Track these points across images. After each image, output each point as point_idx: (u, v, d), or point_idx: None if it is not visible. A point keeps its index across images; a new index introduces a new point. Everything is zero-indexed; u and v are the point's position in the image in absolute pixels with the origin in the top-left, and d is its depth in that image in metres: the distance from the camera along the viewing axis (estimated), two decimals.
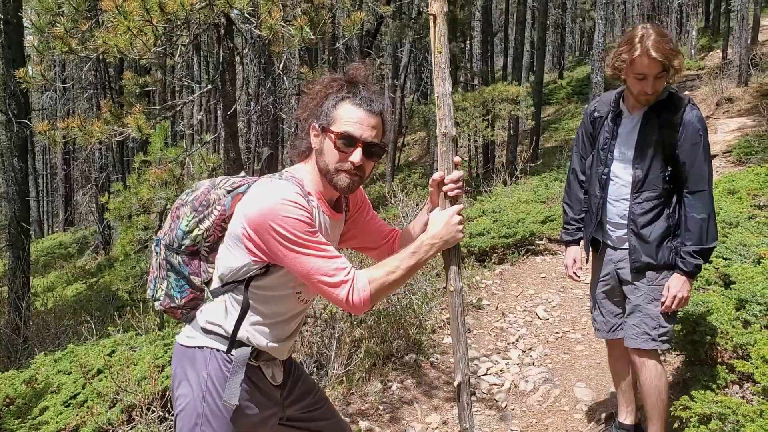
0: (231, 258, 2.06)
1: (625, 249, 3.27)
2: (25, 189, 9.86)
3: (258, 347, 2.12)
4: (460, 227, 2.16)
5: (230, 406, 2.05)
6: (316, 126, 2.08)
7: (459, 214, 2.17)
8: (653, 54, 2.92)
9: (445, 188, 2.20)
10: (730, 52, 22.16)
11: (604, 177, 3.29)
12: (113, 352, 5.07)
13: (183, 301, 2.18)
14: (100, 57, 4.89)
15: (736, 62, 18.77)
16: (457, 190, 2.20)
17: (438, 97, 2.23)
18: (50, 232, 33.94)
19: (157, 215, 7.57)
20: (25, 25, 11.22)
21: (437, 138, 2.25)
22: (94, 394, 4.30)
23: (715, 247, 3.07)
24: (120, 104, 5.74)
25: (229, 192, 2.13)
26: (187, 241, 2.13)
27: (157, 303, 2.22)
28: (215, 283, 2.13)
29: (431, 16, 2.21)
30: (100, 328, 6.76)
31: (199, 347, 2.11)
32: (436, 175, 2.22)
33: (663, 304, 3.14)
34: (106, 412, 4.04)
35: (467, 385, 2.27)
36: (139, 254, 7.90)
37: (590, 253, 3.56)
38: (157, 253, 2.22)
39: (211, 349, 2.10)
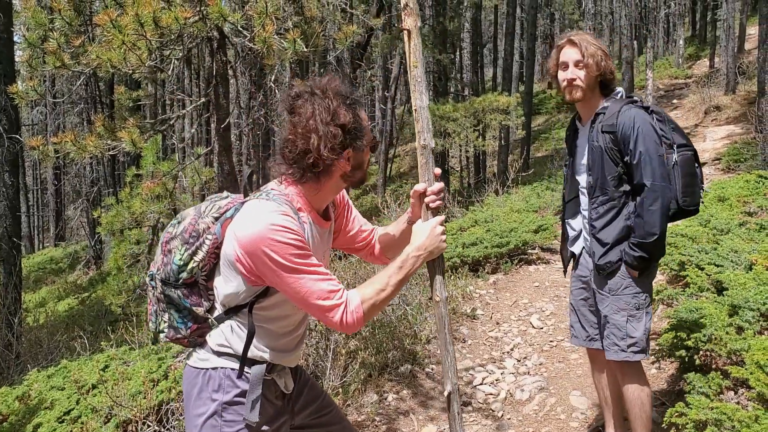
0: (229, 285, 2.06)
1: None
2: (16, 204, 9.80)
3: (271, 362, 2.13)
4: (443, 237, 2.18)
5: (252, 424, 2.07)
6: (351, 151, 2.06)
7: (441, 224, 2.19)
8: (571, 38, 3.19)
9: (426, 200, 2.22)
10: (718, 60, 22.42)
11: (564, 192, 3.49)
12: (107, 367, 5.03)
13: (188, 332, 2.15)
14: (93, 72, 4.87)
15: (724, 70, 18.98)
16: (438, 202, 2.23)
17: (416, 110, 2.26)
18: (41, 247, 33.76)
19: (149, 229, 7.56)
20: (15, 40, 11.20)
21: (417, 150, 2.28)
22: (88, 410, 4.27)
23: (654, 242, 3.01)
24: (112, 118, 5.73)
25: (217, 218, 2.09)
26: (183, 275, 2.08)
27: (161, 335, 2.18)
28: (218, 310, 2.13)
29: (405, 31, 2.24)
30: (93, 343, 6.72)
31: (213, 368, 2.11)
32: (418, 187, 2.24)
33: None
34: (101, 427, 4.01)
35: (457, 395, 2.29)
36: (131, 268, 7.86)
37: (570, 264, 3.63)
38: (153, 287, 2.16)
39: (225, 368, 2.10)
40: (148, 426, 3.95)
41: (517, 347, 5.66)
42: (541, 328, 6.01)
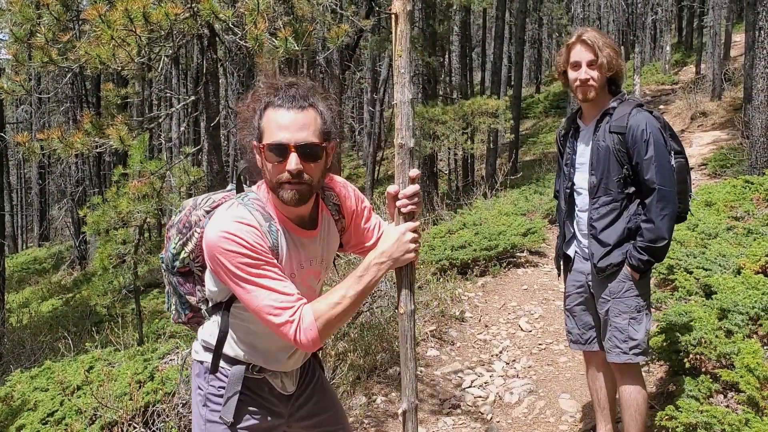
0: (210, 281, 2.07)
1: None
2: None
3: (255, 364, 2.12)
4: (412, 246, 1.96)
5: (226, 422, 2.09)
6: (255, 143, 1.93)
7: (414, 231, 1.98)
8: (584, 37, 3.14)
9: (398, 203, 1.99)
10: (704, 67, 22.61)
11: (568, 191, 3.40)
12: (91, 368, 4.97)
13: (186, 318, 2.22)
14: (80, 68, 4.81)
15: (710, 77, 19.14)
16: (411, 206, 1.99)
17: (396, 104, 2.00)
18: (24, 247, 33.44)
19: (136, 229, 7.48)
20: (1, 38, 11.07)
21: (395, 149, 2.05)
22: (72, 411, 4.21)
23: (663, 246, 3.05)
24: (99, 116, 5.66)
25: (208, 212, 2.06)
26: (177, 263, 2.10)
27: (172, 316, 2.28)
28: (209, 303, 2.14)
29: (393, 15, 1.99)
30: (77, 344, 6.63)
31: (200, 361, 2.17)
32: (391, 189, 2.00)
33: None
34: (85, 429, 3.95)
35: (414, 415, 2.05)
36: (117, 268, 7.78)
37: (562, 267, 3.59)
38: (164, 270, 2.21)
39: (207, 362, 2.15)
40: (134, 428, 3.89)
41: (505, 350, 5.65)
42: (530, 331, 6.01)
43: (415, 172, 2.02)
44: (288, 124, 1.86)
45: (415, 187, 2.00)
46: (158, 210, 7.14)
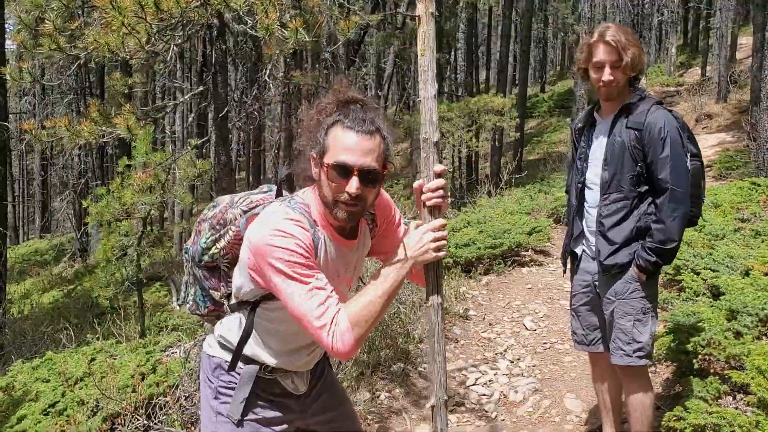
0: (240, 280, 2.05)
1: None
2: (2, 193, 9.65)
3: (270, 365, 2.13)
4: (434, 245, 1.96)
5: (234, 420, 2.11)
6: (314, 155, 1.95)
7: (440, 229, 1.98)
8: (607, 38, 3.03)
9: (423, 197, 2.02)
10: (709, 69, 22.54)
11: (580, 185, 3.33)
12: (93, 359, 4.95)
13: (206, 311, 2.23)
14: (90, 57, 4.75)
15: (715, 79, 19.08)
16: (436, 200, 2.00)
17: (420, 101, 2.10)
18: (26, 238, 33.47)
19: (139, 221, 7.45)
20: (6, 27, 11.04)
21: (421, 143, 2.11)
22: (74, 402, 4.18)
23: (672, 248, 3.00)
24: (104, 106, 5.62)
25: (245, 212, 2.08)
26: (206, 258, 2.12)
27: (186, 306, 2.28)
28: (233, 299, 2.14)
29: (416, 18, 2.11)
30: (78, 335, 6.61)
31: (213, 356, 2.18)
32: (416, 184, 2.05)
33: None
34: (87, 420, 3.92)
35: (442, 410, 2.08)
36: (120, 260, 7.76)
37: (569, 265, 3.54)
38: (186, 260, 2.23)
39: (221, 358, 2.16)
40: (137, 419, 3.86)
41: (510, 348, 5.61)
42: (535, 330, 5.97)
43: (440, 167, 2.04)
44: (355, 147, 1.88)
45: (440, 181, 2.02)
46: (162, 202, 7.12)
